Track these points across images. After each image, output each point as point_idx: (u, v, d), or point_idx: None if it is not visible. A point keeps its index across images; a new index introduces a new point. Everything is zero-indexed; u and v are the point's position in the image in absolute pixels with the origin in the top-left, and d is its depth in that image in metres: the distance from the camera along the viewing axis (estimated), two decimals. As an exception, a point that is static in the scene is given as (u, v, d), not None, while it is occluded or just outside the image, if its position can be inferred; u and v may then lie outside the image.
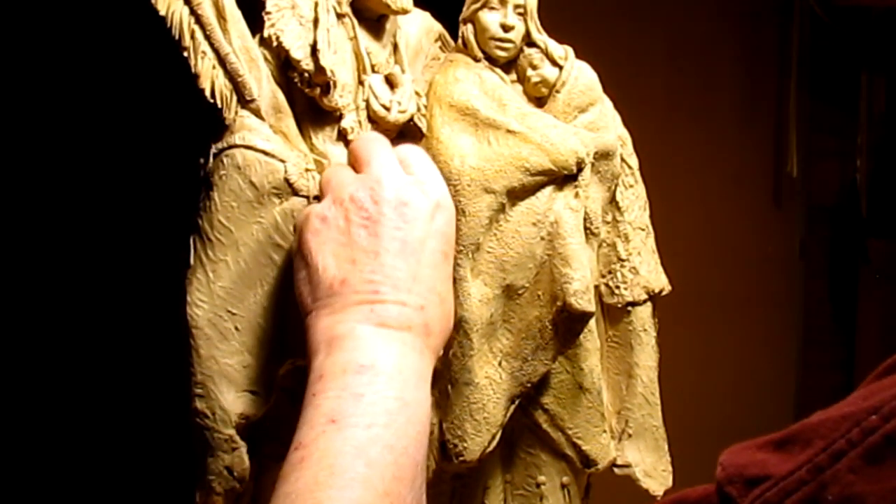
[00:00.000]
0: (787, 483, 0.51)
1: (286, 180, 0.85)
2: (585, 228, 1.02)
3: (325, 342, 0.73)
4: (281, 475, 0.68)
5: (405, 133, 0.96)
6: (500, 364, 0.98)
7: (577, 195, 0.99)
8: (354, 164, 0.83)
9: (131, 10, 0.86)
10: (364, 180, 0.80)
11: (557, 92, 1.02)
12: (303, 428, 0.70)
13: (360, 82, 0.92)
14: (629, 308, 1.09)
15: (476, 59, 1.01)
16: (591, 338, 1.04)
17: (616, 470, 1.10)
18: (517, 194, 0.97)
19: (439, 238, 0.80)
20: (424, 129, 0.97)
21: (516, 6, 1.00)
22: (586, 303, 0.97)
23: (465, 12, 1.01)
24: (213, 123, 0.86)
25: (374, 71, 0.93)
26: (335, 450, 0.67)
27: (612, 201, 1.08)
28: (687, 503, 0.58)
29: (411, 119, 0.95)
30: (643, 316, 1.11)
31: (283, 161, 0.85)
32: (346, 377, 0.70)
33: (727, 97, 2.32)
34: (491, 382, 0.98)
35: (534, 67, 1.02)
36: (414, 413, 0.71)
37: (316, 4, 0.88)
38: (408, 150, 0.86)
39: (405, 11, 0.95)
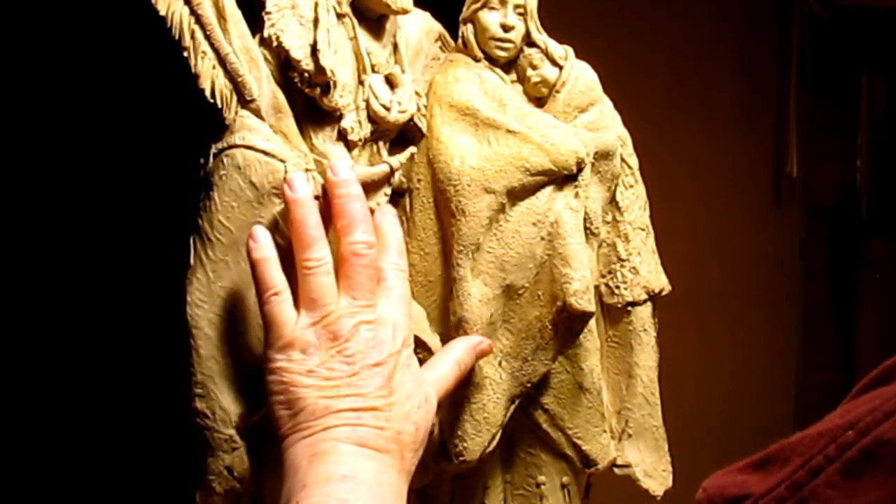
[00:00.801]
0: (767, 500, 0.52)
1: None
2: (585, 228, 1.02)
3: (306, 458, 0.78)
4: None
5: (405, 133, 0.96)
6: (500, 364, 0.98)
7: (577, 195, 0.99)
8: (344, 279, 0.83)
9: (131, 10, 0.86)
10: (350, 315, 0.82)
11: (557, 92, 1.02)
12: None
13: (361, 82, 0.92)
14: (629, 308, 1.09)
15: (476, 59, 1.01)
16: (591, 338, 1.04)
17: (616, 470, 1.10)
18: (517, 194, 0.97)
19: (403, 362, 0.84)
20: (424, 129, 0.97)
21: (516, 6, 1.00)
22: (586, 303, 0.97)
23: (465, 12, 1.01)
24: (213, 123, 0.86)
25: (374, 71, 0.93)
26: None
27: (612, 201, 1.08)
28: None
29: (411, 119, 0.95)
30: (643, 316, 1.10)
31: (283, 161, 0.85)
32: (329, 485, 0.74)
33: (727, 97, 2.33)
34: (491, 382, 0.98)
35: (534, 67, 1.02)
36: None
37: (316, 4, 0.88)
38: (392, 274, 0.87)
39: (405, 11, 0.95)
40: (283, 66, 0.88)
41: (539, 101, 1.03)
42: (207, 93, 0.84)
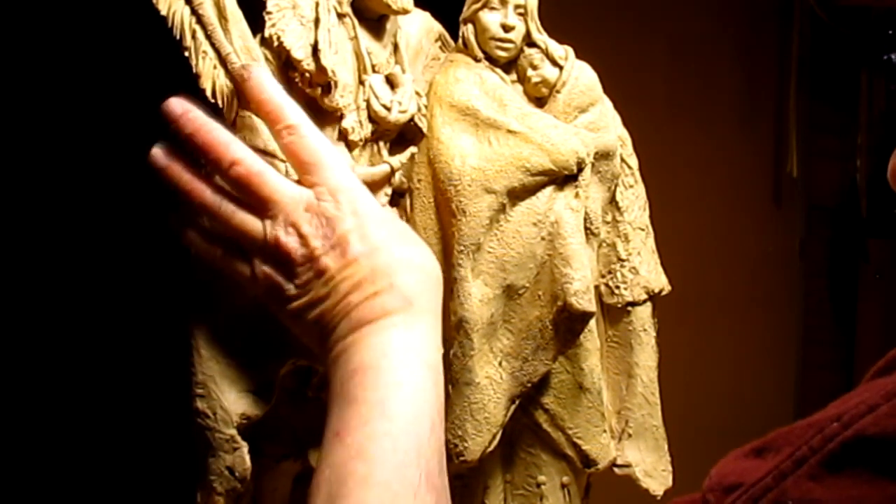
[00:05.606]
0: (755, 490, 0.52)
1: (287, 180, 0.85)
2: (585, 228, 1.02)
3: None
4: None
5: (405, 133, 0.96)
6: (500, 364, 0.99)
7: (577, 195, 1.00)
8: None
9: (132, 9, 0.86)
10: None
11: (558, 92, 1.02)
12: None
13: (361, 82, 0.92)
14: (629, 308, 1.10)
15: (476, 60, 1.01)
16: (591, 338, 1.04)
17: (616, 470, 1.11)
18: (518, 194, 0.97)
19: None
20: (425, 129, 0.97)
21: (517, 6, 1.00)
22: (587, 303, 0.97)
23: (466, 12, 1.02)
24: (213, 123, 0.85)
25: (374, 71, 0.93)
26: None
27: (612, 201, 1.08)
28: None
29: (412, 119, 0.95)
30: (643, 316, 1.11)
31: (283, 161, 0.85)
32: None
33: (727, 97, 2.32)
34: (491, 382, 0.98)
35: (534, 67, 1.02)
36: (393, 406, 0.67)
37: (317, 4, 0.88)
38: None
39: (406, 11, 0.95)
40: (284, 66, 0.88)
41: (539, 101, 1.03)
42: (208, 93, 0.84)
